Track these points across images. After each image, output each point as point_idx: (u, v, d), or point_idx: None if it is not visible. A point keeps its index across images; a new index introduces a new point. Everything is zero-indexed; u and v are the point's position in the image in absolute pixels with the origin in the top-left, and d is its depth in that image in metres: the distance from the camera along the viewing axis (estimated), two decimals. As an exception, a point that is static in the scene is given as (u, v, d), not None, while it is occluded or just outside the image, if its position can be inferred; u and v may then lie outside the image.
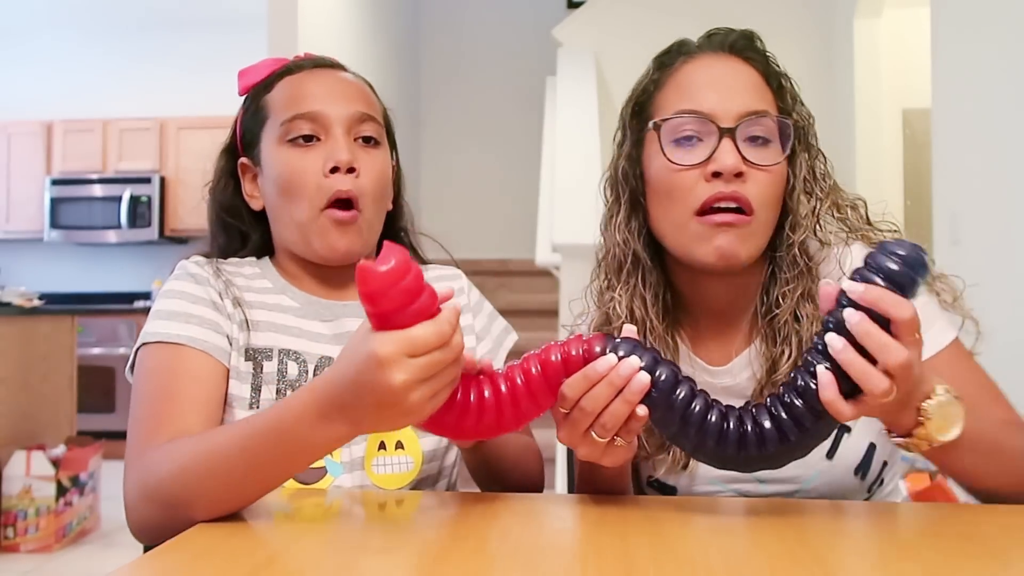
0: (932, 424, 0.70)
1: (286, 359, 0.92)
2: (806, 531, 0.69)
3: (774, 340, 0.89)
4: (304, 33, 3.72)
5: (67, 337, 3.44)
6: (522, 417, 0.72)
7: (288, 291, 0.97)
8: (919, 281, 0.65)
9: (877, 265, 0.65)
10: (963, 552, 0.65)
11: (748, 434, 0.70)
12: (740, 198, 0.84)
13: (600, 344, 0.72)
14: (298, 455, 0.68)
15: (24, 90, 5.71)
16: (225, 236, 1.02)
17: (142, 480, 0.75)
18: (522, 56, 5.96)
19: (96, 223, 5.37)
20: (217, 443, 0.71)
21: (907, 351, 0.64)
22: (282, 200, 0.94)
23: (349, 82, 0.99)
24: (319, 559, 0.63)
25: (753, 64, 0.91)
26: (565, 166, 3.63)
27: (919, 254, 0.65)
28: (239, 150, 1.02)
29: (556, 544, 0.70)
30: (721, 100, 0.86)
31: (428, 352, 0.62)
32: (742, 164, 0.84)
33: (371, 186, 0.94)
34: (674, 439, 0.74)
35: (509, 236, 5.60)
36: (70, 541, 3.04)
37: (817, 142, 0.93)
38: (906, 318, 0.63)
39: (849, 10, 4.07)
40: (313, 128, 0.93)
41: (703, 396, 0.71)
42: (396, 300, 0.60)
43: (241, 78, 1.02)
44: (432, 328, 0.62)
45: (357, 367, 0.62)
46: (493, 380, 0.71)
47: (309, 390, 0.67)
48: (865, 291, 0.64)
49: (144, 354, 0.88)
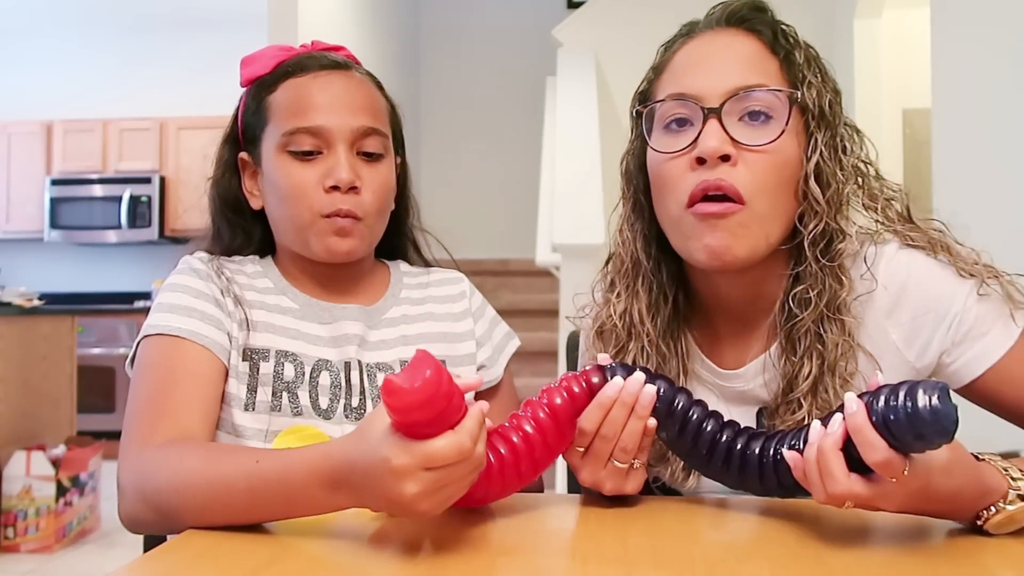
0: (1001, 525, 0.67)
1: (283, 360, 0.91)
2: (806, 531, 0.69)
3: (793, 350, 0.82)
4: (304, 33, 3.71)
5: (67, 337, 3.44)
6: (538, 467, 0.72)
7: (288, 292, 0.96)
8: (925, 440, 0.59)
9: (884, 403, 0.60)
10: (964, 552, 0.65)
11: (735, 453, 0.73)
12: (725, 186, 0.77)
13: (598, 375, 0.74)
14: (300, 509, 0.67)
15: (24, 90, 5.70)
16: (229, 231, 1.00)
17: (140, 479, 0.75)
18: (522, 56, 5.95)
19: (96, 223, 5.36)
20: (223, 472, 0.69)
21: (888, 452, 0.60)
22: (283, 206, 0.93)
23: (356, 89, 0.95)
24: (319, 559, 0.63)
25: (757, 34, 0.83)
26: (565, 166, 3.63)
27: (936, 419, 0.57)
28: (240, 142, 0.99)
29: (556, 544, 0.70)
30: (708, 79, 0.80)
31: (445, 467, 0.59)
32: (727, 146, 0.78)
33: (372, 202, 0.93)
34: (671, 444, 0.77)
35: (509, 236, 5.59)
36: (70, 541, 3.04)
37: (840, 120, 0.83)
38: (875, 461, 0.60)
39: (849, 10, 4.07)
40: (315, 143, 0.91)
41: (701, 406, 0.74)
42: (421, 415, 0.58)
43: (245, 67, 0.98)
44: (452, 441, 0.59)
45: (370, 464, 0.60)
46: (503, 436, 0.71)
47: (323, 456, 0.65)
48: (849, 417, 0.62)
49: (145, 346, 0.88)
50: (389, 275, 1.04)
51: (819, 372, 0.80)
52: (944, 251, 0.83)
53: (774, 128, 0.79)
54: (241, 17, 5.26)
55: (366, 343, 0.95)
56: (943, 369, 0.83)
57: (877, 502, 0.63)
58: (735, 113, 0.80)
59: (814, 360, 0.80)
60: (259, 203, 0.98)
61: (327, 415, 0.90)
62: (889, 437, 0.60)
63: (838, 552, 0.64)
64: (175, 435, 0.79)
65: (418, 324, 1.00)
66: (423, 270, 1.07)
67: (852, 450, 0.62)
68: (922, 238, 0.84)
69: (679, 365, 0.89)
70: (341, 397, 0.91)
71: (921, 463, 0.61)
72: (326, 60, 0.96)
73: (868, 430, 0.60)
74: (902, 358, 0.83)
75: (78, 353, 3.55)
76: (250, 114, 0.97)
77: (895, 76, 4.08)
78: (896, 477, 0.60)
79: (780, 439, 0.72)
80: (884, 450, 0.60)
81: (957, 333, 0.81)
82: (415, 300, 1.02)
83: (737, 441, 0.73)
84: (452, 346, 1.00)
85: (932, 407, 0.57)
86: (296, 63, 0.96)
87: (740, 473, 0.73)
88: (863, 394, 0.64)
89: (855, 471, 0.62)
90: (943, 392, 0.58)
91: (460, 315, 1.04)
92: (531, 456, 0.70)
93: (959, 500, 0.65)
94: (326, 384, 0.91)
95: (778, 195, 0.80)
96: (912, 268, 0.82)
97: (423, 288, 1.04)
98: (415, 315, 1.00)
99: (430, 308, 1.02)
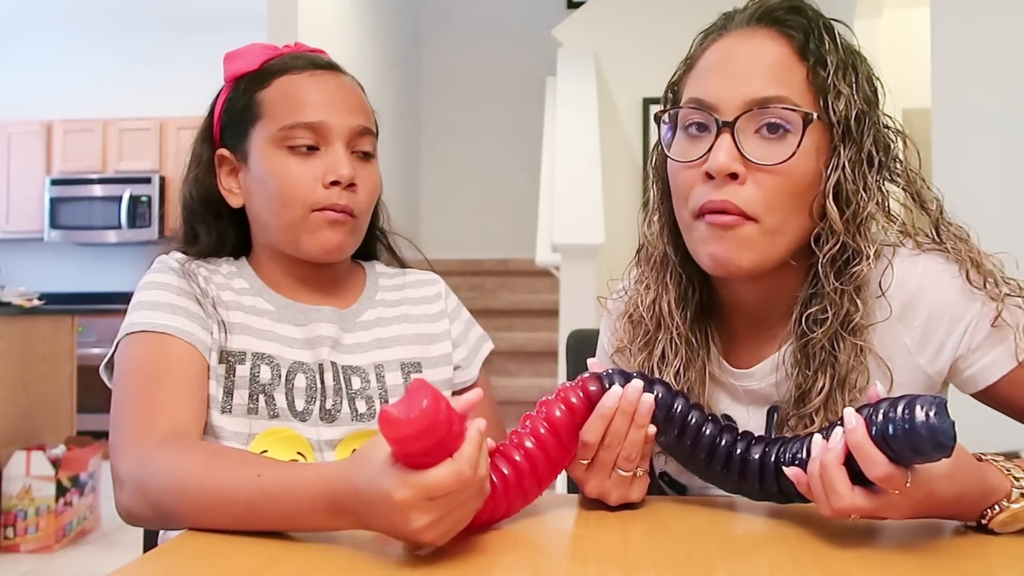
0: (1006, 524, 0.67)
1: (260, 363, 0.90)
2: (806, 531, 0.69)
3: (807, 363, 0.81)
4: (304, 33, 3.72)
5: (67, 337, 3.44)
6: (542, 483, 0.72)
7: (264, 293, 0.96)
8: (923, 455, 0.59)
9: (883, 418, 0.60)
10: (966, 551, 0.65)
11: (735, 458, 0.73)
12: (729, 208, 0.76)
13: (595, 384, 0.73)
14: (300, 527, 0.67)
15: (24, 90, 5.70)
16: (205, 233, 0.98)
17: (140, 475, 0.75)
18: (522, 56, 5.95)
19: (96, 223, 5.36)
20: (223, 483, 0.69)
21: (889, 467, 0.60)
22: (273, 202, 0.92)
23: (349, 90, 0.96)
24: (319, 559, 0.63)
25: (789, 37, 0.79)
26: (565, 166, 3.63)
27: (933, 434, 0.57)
28: (215, 140, 0.98)
29: (556, 544, 0.70)
30: (727, 87, 0.78)
31: (446, 495, 0.59)
32: (736, 164, 0.76)
33: (366, 200, 0.94)
34: (670, 449, 0.78)
35: (509, 236, 5.60)
36: (70, 541, 3.04)
37: (870, 132, 0.79)
38: (876, 476, 0.60)
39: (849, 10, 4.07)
40: (314, 138, 0.91)
41: (699, 410, 0.75)
42: (419, 446, 0.57)
43: (229, 62, 0.97)
44: (451, 471, 0.58)
45: (373, 495, 0.60)
46: (506, 456, 0.71)
47: (324, 480, 0.64)
48: (848, 433, 0.62)
49: (128, 344, 0.87)
50: (365, 277, 1.04)
51: (831, 387, 0.79)
52: (965, 260, 0.81)
53: (790, 144, 0.76)
54: (241, 17, 5.26)
55: (340, 345, 0.95)
56: (957, 374, 0.82)
57: (882, 513, 0.63)
58: (751, 126, 0.77)
59: (827, 376, 0.79)
60: (239, 201, 0.96)
61: (303, 417, 0.91)
62: (888, 451, 0.60)
63: (838, 552, 0.64)
64: (171, 430, 0.79)
65: (393, 327, 1.00)
66: (399, 271, 1.08)
67: (854, 463, 0.62)
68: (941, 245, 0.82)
69: (704, 356, 0.89)
70: (317, 399, 0.91)
71: (923, 473, 0.61)
72: (319, 60, 0.97)
73: (868, 446, 0.61)
74: (913, 362, 0.82)
75: (78, 353, 3.55)
76: (236, 109, 0.95)
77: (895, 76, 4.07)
78: (899, 489, 0.61)
79: (781, 445, 0.72)
80: (885, 465, 0.60)
81: (973, 339, 0.80)
82: (390, 302, 1.02)
83: (737, 446, 0.74)
84: (427, 348, 1.00)
85: (930, 423, 0.57)
86: (288, 61, 0.96)
87: (740, 478, 0.73)
88: (862, 407, 0.64)
89: (858, 483, 0.63)
90: (940, 407, 0.58)
91: (436, 316, 1.04)
92: (535, 473, 0.70)
93: (963, 502, 0.66)
94: (302, 386, 0.91)
95: (791, 212, 0.78)
96: (927, 272, 0.81)
97: (399, 290, 1.05)
98: (390, 317, 1.01)
99: (405, 310, 1.02)
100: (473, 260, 5.13)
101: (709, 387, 0.89)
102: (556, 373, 3.75)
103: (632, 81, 4.38)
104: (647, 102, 4.40)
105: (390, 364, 0.97)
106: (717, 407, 0.90)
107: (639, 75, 4.31)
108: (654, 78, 0.96)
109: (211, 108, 0.99)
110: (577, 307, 3.23)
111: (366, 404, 0.94)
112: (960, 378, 0.83)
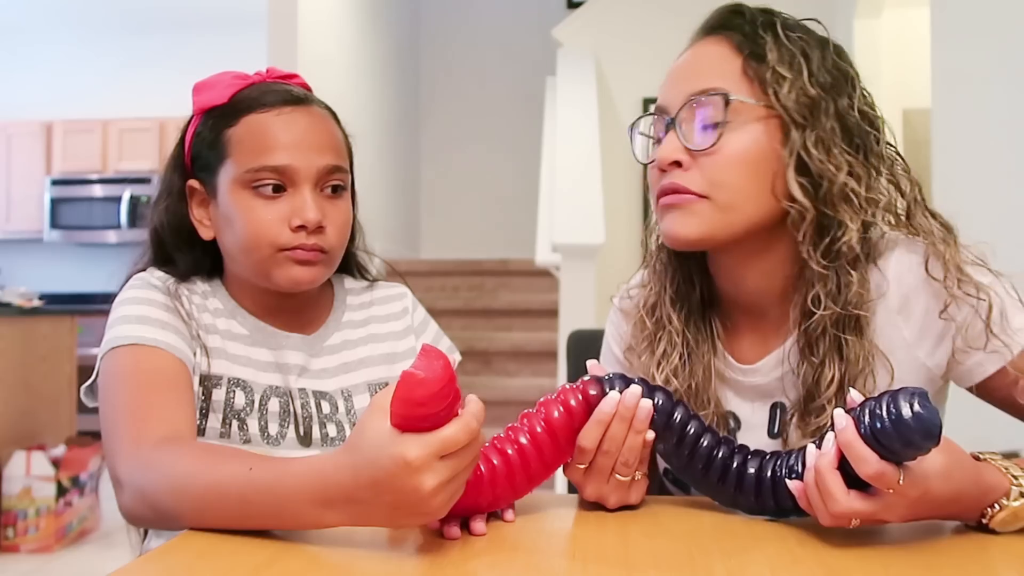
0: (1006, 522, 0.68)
1: (235, 388, 0.91)
2: (806, 531, 0.69)
3: (812, 351, 0.83)
4: (304, 33, 3.72)
5: (67, 337, 3.44)
6: (533, 480, 0.72)
7: (238, 315, 0.96)
8: (914, 446, 0.60)
9: (870, 415, 0.61)
10: (967, 550, 0.65)
11: (731, 471, 0.73)
12: (678, 188, 0.82)
13: (595, 387, 0.74)
14: (289, 523, 0.67)
15: (24, 90, 5.71)
16: (180, 259, 0.96)
17: (139, 478, 0.75)
18: (522, 56, 5.96)
19: (96, 223, 5.37)
20: (216, 478, 0.69)
21: (880, 464, 0.61)
22: (240, 242, 0.90)
23: (319, 127, 0.93)
24: (319, 559, 0.63)
25: (727, 36, 0.85)
26: (565, 166, 3.63)
27: (920, 424, 0.59)
28: (187, 168, 0.96)
29: (556, 544, 0.70)
30: (672, 90, 0.86)
31: (457, 452, 0.60)
32: (678, 154, 0.82)
33: (337, 237, 0.92)
34: (667, 457, 0.78)
35: (509, 236, 5.60)
36: (70, 541, 3.04)
37: (831, 114, 0.81)
38: (868, 474, 0.61)
39: (849, 10, 4.07)
40: (280, 180, 0.89)
41: (699, 420, 0.75)
42: (437, 405, 0.58)
43: (198, 93, 0.96)
44: (461, 424, 0.59)
45: (380, 468, 0.59)
46: (498, 448, 0.71)
47: (315, 473, 0.64)
48: (839, 433, 0.63)
49: (116, 356, 0.86)
50: (332, 297, 1.03)
51: (841, 376, 0.81)
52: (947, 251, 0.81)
53: (720, 129, 0.81)
54: (241, 17, 5.27)
55: (307, 371, 0.96)
56: (955, 367, 0.83)
57: (881, 515, 0.63)
58: (691, 118, 0.83)
59: (836, 364, 0.81)
60: (210, 233, 0.95)
61: (275, 441, 0.91)
62: (879, 448, 0.60)
63: (838, 552, 0.64)
64: (167, 433, 0.79)
65: (359, 348, 1.01)
66: (366, 286, 1.07)
67: (849, 468, 0.63)
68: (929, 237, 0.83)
69: (710, 353, 0.91)
70: (290, 423, 0.92)
71: (918, 471, 0.62)
72: (288, 95, 0.93)
73: (858, 444, 0.61)
74: (912, 355, 0.83)
75: (78, 353, 3.55)
76: (205, 145, 0.94)
77: (895, 76, 4.08)
78: (892, 488, 0.61)
79: (778, 460, 0.72)
80: (876, 462, 0.61)
81: (969, 334, 0.81)
82: (357, 323, 1.03)
83: (734, 459, 0.74)
84: (392, 367, 1.01)
85: (915, 413, 0.59)
86: (256, 97, 0.93)
87: (736, 491, 0.74)
88: (850, 410, 0.64)
89: (855, 488, 0.63)
90: (923, 397, 0.60)
91: (402, 333, 1.05)
92: (526, 469, 0.71)
93: (962, 502, 0.66)
94: (275, 410, 0.92)
95: (743, 189, 0.81)
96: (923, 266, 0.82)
97: (366, 308, 1.05)
98: (356, 339, 1.01)
99: (372, 329, 1.03)
100: (473, 260, 5.13)
101: (715, 384, 0.90)
102: (556, 373, 3.75)
103: (632, 81, 4.38)
104: (647, 102, 4.40)
105: (357, 388, 0.98)
106: (722, 404, 0.91)
107: (639, 75, 4.31)
108: (654, 78, 0.97)
109: (181, 137, 0.98)
110: (577, 307, 3.23)
111: (336, 428, 0.95)
112: (957, 372, 0.84)
